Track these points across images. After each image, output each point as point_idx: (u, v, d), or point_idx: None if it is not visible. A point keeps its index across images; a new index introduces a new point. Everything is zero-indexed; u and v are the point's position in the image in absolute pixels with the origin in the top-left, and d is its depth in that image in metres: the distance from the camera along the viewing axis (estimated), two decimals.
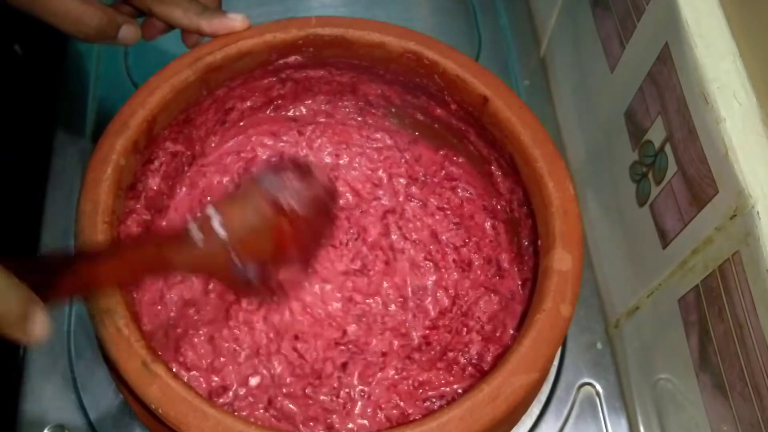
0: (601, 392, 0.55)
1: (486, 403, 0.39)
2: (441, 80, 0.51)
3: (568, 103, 0.67)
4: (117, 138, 0.46)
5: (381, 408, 0.47)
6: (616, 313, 0.57)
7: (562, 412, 0.54)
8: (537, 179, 0.47)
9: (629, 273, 0.55)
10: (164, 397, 0.38)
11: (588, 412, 0.54)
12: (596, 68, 0.58)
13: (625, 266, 0.55)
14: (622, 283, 0.56)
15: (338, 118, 0.59)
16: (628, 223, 0.55)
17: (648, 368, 0.53)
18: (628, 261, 0.55)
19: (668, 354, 0.49)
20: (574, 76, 0.65)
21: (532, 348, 0.41)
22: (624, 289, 0.56)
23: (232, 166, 0.56)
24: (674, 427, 0.49)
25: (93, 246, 0.43)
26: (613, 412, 0.55)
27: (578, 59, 0.64)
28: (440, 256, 0.54)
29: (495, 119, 0.49)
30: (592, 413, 0.54)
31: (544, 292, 0.43)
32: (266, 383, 0.48)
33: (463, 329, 0.51)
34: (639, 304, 0.53)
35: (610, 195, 0.57)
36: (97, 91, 0.67)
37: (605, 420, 0.54)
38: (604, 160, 0.59)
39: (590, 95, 0.61)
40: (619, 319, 0.56)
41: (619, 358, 0.57)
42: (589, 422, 0.54)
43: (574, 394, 0.55)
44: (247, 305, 0.50)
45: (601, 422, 0.54)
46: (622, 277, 0.57)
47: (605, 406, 0.55)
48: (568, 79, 0.67)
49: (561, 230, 0.45)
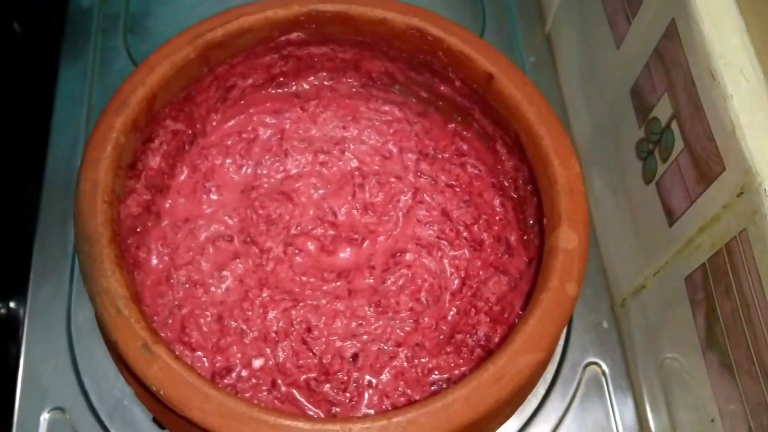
0: (607, 371, 0.55)
1: (491, 383, 0.38)
2: (445, 57, 0.51)
3: (573, 80, 0.66)
4: (117, 116, 0.45)
5: (387, 396, 0.47)
6: (622, 292, 0.57)
7: (568, 392, 0.54)
8: (542, 157, 0.46)
9: (635, 251, 0.54)
10: (166, 378, 0.37)
11: (594, 391, 0.54)
12: (602, 45, 0.57)
13: (632, 245, 0.55)
14: (629, 262, 0.56)
15: (343, 92, 0.58)
16: (634, 201, 0.54)
17: (654, 347, 0.53)
18: (635, 239, 0.55)
19: (675, 333, 0.49)
20: (580, 52, 0.65)
21: (538, 327, 0.40)
22: (630, 267, 0.55)
23: (233, 147, 0.55)
24: (680, 406, 0.49)
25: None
26: (619, 391, 0.54)
27: (584, 35, 0.63)
28: (454, 235, 0.53)
29: (500, 96, 0.49)
30: (598, 392, 0.54)
31: (550, 270, 0.42)
32: (269, 366, 0.48)
33: (471, 310, 0.50)
34: (645, 283, 0.53)
35: (616, 173, 0.57)
36: (96, 69, 0.66)
37: (611, 399, 0.54)
38: (610, 137, 0.58)
39: (596, 72, 0.61)
40: (625, 298, 0.56)
41: (625, 337, 0.56)
42: (595, 401, 0.54)
43: (580, 374, 0.55)
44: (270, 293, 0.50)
45: (607, 401, 0.54)
46: (628, 256, 0.56)
47: (611, 385, 0.54)
48: (574, 55, 0.66)
49: (567, 208, 0.44)
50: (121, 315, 0.39)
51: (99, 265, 0.40)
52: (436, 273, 0.52)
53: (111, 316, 0.39)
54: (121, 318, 0.39)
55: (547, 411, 0.53)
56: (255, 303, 0.49)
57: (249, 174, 0.55)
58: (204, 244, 0.51)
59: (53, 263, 0.56)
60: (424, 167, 0.56)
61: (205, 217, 0.52)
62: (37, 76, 0.67)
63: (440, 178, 0.55)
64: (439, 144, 0.56)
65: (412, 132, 0.57)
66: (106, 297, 0.39)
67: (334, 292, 0.51)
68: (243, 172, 0.55)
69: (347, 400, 0.47)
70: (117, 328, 0.39)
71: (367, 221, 0.54)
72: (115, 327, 0.39)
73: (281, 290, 0.50)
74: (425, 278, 0.52)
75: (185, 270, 0.50)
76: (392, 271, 0.52)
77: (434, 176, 0.55)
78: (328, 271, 0.51)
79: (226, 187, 0.54)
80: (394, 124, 0.57)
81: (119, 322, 0.39)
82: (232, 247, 0.51)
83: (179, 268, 0.50)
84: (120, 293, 0.39)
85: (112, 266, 0.41)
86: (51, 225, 0.58)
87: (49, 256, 0.57)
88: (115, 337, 0.38)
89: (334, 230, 0.53)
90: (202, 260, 0.51)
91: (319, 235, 0.53)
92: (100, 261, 0.40)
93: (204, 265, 0.50)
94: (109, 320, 0.39)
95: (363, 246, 0.53)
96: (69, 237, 0.57)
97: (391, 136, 0.57)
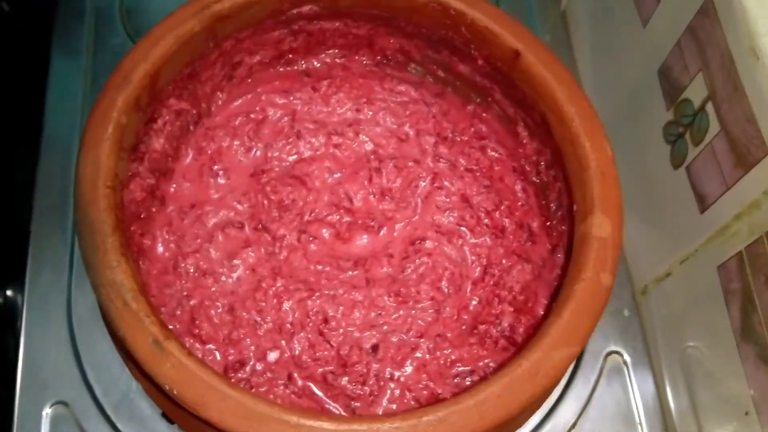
0: (628, 360, 0.54)
1: (525, 380, 0.37)
2: (468, 33, 0.49)
3: (591, 59, 0.64)
4: (118, 93, 0.43)
5: (410, 390, 0.46)
6: (644, 279, 0.55)
7: (589, 381, 0.53)
8: (572, 139, 0.45)
9: (660, 238, 0.53)
10: (179, 376, 0.35)
11: (615, 380, 0.53)
12: (625, 22, 0.55)
13: (656, 231, 0.54)
14: (652, 249, 0.55)
15: (356, 71, 0.56)
16: (659, 186, 0.53)
17: (676, 336, 0.52)
18: (659, 226, 0.53)
19: (700, 322, 0.48)
20: (599, 31, 0.63)
21: (573, 320, 0.39)
22: (653, 254, 0.54)
23: (241, 128, 0.53)
24: (705, 397, 0.48)
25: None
26: (641, 379, 0.53)
27: (603, 13, 0.61)
28: (474, 221, 0.51)
29: (527, 75, 0.47)
30: (619, 381, 0.53)
31: (583, 260, 0.41)
32: (285, 359, 0.46)
33: (494, 300, 0.49)
34: (670, 271, 0.52)
35: (640, 156, 0.55)
36: (91, 45, 0.63)
37: (633, 388, 0.53)
38: (632, 120, 0.56)
39: (617, 51, 0.59)
40: (647, 285, 0.55)
41: (646, 325, 0.55)
42: (617, 390, 0.53)
43: (602, 363, 0.53)
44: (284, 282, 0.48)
45: (629, 390, 0.53)
46: (651, 243, 0.55)
47: (633, 374, 0.53)
48: (592, 34, 0.64)
49: (599, 194, 0.42)
50: (129, 309, 0.36)
51: (103, 255, 0.38)
52: (457, 261, 0.50)
53: (118, 310, 0.36)
54: (128, 312, 0.36)
55: (568, 401, 0.52)
56: (269, 293, 0.48)
57: (258, 157, 0.53)
58: (212, 231, 0.49)
59: (51, 248, 0.54)
60: (443, 151, 0.54)
61: (212, 202, 0.50)
62: (29, 53, 0.64)
63: (459, 162, 0.54)
64: (457, 126, 0.55)
65: (429, 113, 0.55)
66: (111, 289, 0.37)
67: (351, 282, 0.49)
68: (252, 154, 0.53)
69: (367, 394, 0.46)
70: (125, 323, 0.36)
71: (385, 207, 0.52)
72: (122, 322, 0.36)
73: (296, 279, 0.49)
74: (446, 266, 0.50)
75: (193, 258, 0.48)
76: (411, 260, 0.50)
77: (453, 160, 0.54)
78: (344, 260, 0.50)
79: (234, 171, 0.52)
80: (411, 105, 0.55)
81: (127, 317, 0.36)
82: (243, 235, 0.50)
83: (187, 256, 0.48)
84: (127, 285, 0.37)
85: (117, 256, 0.38)
86: (48, 208, 0.56)
87: (46, 240, 0.55)
88: (122, 333, 0.36)
89: (350, 216, 0.51)
90: (211, 248, 0.49)
91: (334, 221, 0.51)
92: (104, 250, 0.38)
93: (213, 253, 0.49)
94: (115, 315, 0.36)
95: (380, 233, 0.51)
96: (68, 220, 0.55)
97: (408, 117, 0.55)
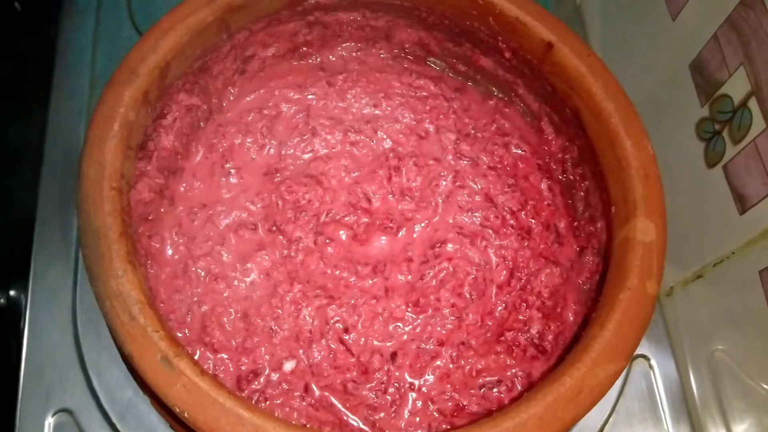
0: (654, 365, 0.53)
1: (569, 399, 0.35)
2: (496, 24, 0.47)
3: (609, 55, 0.62)
4: (125, 88, 0.41)
5: (433, 401, 0.44)
6: (670, 281, 0.54)
7: (615, 385, 0.50)
8: (611, 137, 0.43)
9: (690, 239, 0.51)
10: (191, 398, 0.33)
11: (642, 385, 0.52)
12: (652, 15, 0.54)
13: (684, 232, 0.51)
14: (680, 250, 0.52)
15: (372, 65, 0.54)
16: (690, 185, 0.51)
17: (703, 339, 0.51)
18: (689, 226, 0.51)
19: (732, 325, 0.47)
20: (619, 24, 0.61)
21: (618, 333, 0.37)
22: (682, 255, 0.52)
23: (254, 124, 0.51)
24: (736, 402, 0.47)
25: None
26: (667, 383, 0.52)
27: (625, 6, 0.59)
28: (499, 222, 0.50)
29: (559, 68, 0.46)
30: (646, 386, 0.52)
31: (627, 267, 0.39)
32: (302, 368, 0.44)
33: (521, 305, 0.47)
34: (702, 273, 0.50)
35: (669, 155, 0.53)
36: (99, 37, 0.61)
37: (659, 392, 0.52)
38: (660, 116, 0.54)
39: (641, 45, 0.57)
40: (673, 286, 0.54)
41: (671, 327, 0.54)
42: (644, 394, 0.52)
43: (628, 366, 0.52)
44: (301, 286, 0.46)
45: (656, 394, 0.52)
46: (679, 244, 0.53)
47: (659, 377, 0.52)
48: (611, 28, 0.62)
49: (642, 196, 0.41)
50: (136, 323, 0.34)
51: (108, 263, 0.36)
52: (480, 265, 0.49)
53: (124, 325, 0.34)
54: (135, 326, 0.34)
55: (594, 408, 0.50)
56: (286, 299, 0.46)
57: (272, 155, 0.51)
58: (224, 232, 0.48)
59: (56, 248, 0.53)
60: (464, 148, 0.52)
61: (224, 202, 0.49)
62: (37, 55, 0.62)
63: (482, 160, 0.52)
64: (479, 122, 0.53)
65: (449, 109, 0.53)
66: (117, 301, 0.35)
67: (371, 291, 0.47)
68: (265, 152, 0.51)
69: (388, 404, 0.44)
70: (131, 338, 0.34)
71: (404, 208, 0.50)
72: (128, 337, 0.34)
73: (314, 285, 0.47)
74: (468, 271, 0.48)
75: (204, 262, 0.46)
76: (431, 265, 0.48)
77: (475, 158, 0.52)
78: (361, 264, 0.48)
79: (246, 169, 0.50)
80: (430, 100, 0.53)
81: (134, 332, 0.34)
82: (257, 237, 0.48)
83: (197, 259, 0.46)
84: (134, 297, 0.35)
85: (124, 264, 0.36)
86: (52, 207, 0.54)
87: (51, 239, 0.53)
88: (129, 350, 0.34)
89: (367, 217, 0.50)
90: (223, 251, 0.47)
91: (351, 223, 0.49)
92: (109, 258, 0.36)
93: (225, 256, 0.47)
94: (121, 329, 0.34)
95: (399, 235, 0.49)
96: (72, 219, 0.53)
97: (427, 113, 0.53)
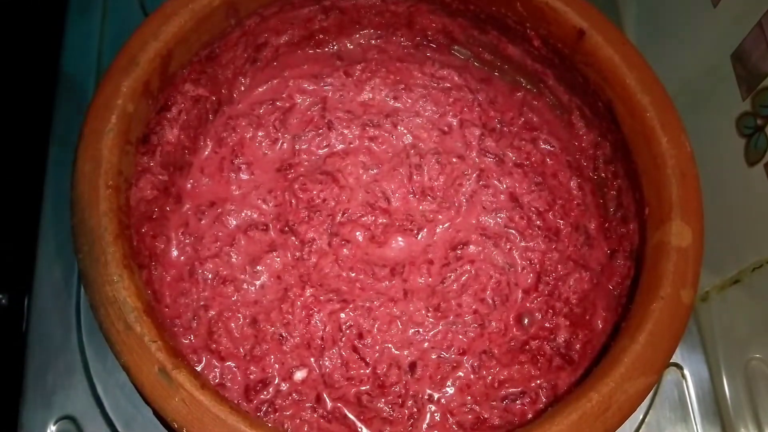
0: (687, 373, 0.51)
1: (596, 417, 0.34)
2: (524, 10, 0.46)
3: (645, 44, 0.61)
4: (123, 77, 0.40)
5: (452, 413, 0.43)
6: (706, 286, 0.53)
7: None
8: (646, 133, 0.41)
9: (727, 242, 0.50)
10: (190, 414, 0.31)
11: (674, 393, 0.50)
12: (690, 2, 0.53)
13: (723, 234, 0.50)
14: (717, 253, 0.51)
15: (393, 54, 0.53)
16: (729, 184, 0.50)
17: (739, 347, 0.50)
18: (727, 228, 0.50)
19: None
20: (655, 11, 0.60)
21: (650, 345, 0.36)
22: (719, 259, 0.51)
23: (266, 117, 0.50)
24: None
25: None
26: (700, 393, 0.51)
27: None
28: (525, 223, 0.48)
29: (592, 58, 0.44)
30: (678, 394, 0.51)
31: (661, 274, 0.38)
32: (314, 378, 0.43)
33: (548, 312, 0.46)
34: (739, 278, 0.49)
35: (707, 151, 0.51)
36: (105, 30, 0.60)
37: (691, 403, 0.50)
38: (697, 110, 0.53)
39: (679, 34, 0.56)
40: (708, 291, 0.53)
41: (705, 334, 0.53)
42: (676, 405, 0.50)
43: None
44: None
45: (688, 405, 0.50)
46: (716, 247, 0.52)
47: (691, 387, 0.51)
48: (647, 15, 0.61)
49: (678, 197, 0.39)
50: (132, 332, 0.33)
51: (102, 268, 0.35)
52: (504, 268, 0.47)
53: (119, 334, 0.33)
54: (131, 336, 0.33)
55: None
56: (296, 304, 0.45)
57: (285, 149, 0.50)
58: (234, 233, 0.46)
59: (60, 248, 0.52)
60: (490, 144, 0.51)
61: (234, 200, 0.48)
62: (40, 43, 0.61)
63: (508, 157, 0.51)
64: (505, 116, 0.52)
65: (474, 101, 0.52)
66: (112, 309, 0.34)
67: (388, 293, 0.46)
68: (278, 147, 0.50)
69: (405, 417, 0.43)
70: (127, 349, 0.33)
71: (426, 209, 0.49)
72: (124, 347, 0.33)
73: (326, 289, 0.46)
74: (491, 275, 0.47)
75: (212, 263, 0.45)
76: (452, 268, 0.47)
77: (501, 155, 0.51)
78: (379, 266, 0.47)
79: (258, 165, 0.49)
80: (453, 92, 0.52)
81: (130, 342, 0.33)
82: (268, 238, 0.47)
83: (204, 261, 0.45)
84: (129, 304, 0.34)
85: (119, 269, 0.35)
86: (57, 205, 0.53)
87: (55, 239, 0.52)
88: (125, 361, 0.32)
89: (386, 218, 0.48)
90: (232, 252, 0.46)
91: (368, 223, 0.48)
92: (104, 263, 0.35)
93: (234, 258, 0.46)
94: (117, 339, 0.33)
95: (418, 237, 0.48)
96: None
97: (450, 106, 0.52)
